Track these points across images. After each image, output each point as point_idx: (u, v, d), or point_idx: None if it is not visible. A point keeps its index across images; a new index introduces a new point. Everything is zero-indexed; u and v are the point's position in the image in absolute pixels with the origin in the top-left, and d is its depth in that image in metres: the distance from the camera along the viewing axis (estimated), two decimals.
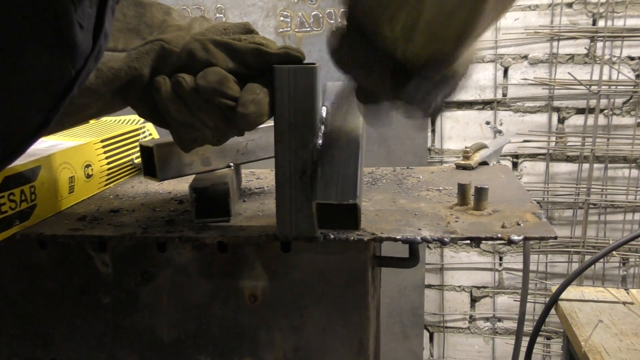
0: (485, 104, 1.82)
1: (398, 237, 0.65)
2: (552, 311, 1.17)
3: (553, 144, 1.80)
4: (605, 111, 1.75)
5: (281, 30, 1.69)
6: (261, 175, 0.97)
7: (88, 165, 0.83)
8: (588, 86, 1.72)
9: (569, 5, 1.72)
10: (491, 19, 0.46)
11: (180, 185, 0.91)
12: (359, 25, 0.50)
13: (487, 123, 1.82)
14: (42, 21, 0.34)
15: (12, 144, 0.40)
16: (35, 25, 0.34)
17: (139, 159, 0.79)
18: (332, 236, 0.65)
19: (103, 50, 0.42)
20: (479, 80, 1.80)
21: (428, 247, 1.90)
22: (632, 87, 1.71)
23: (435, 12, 0.43)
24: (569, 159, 1.80)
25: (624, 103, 1.74)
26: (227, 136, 0.63)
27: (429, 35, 0.45)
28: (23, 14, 0.34)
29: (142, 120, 1.00)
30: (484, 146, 1.02)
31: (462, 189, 0.75)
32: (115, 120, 1.00)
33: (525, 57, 1.77)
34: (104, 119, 1.01)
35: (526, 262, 1.22)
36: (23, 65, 0.36)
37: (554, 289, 1.17)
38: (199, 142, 0.63)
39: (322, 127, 0.63)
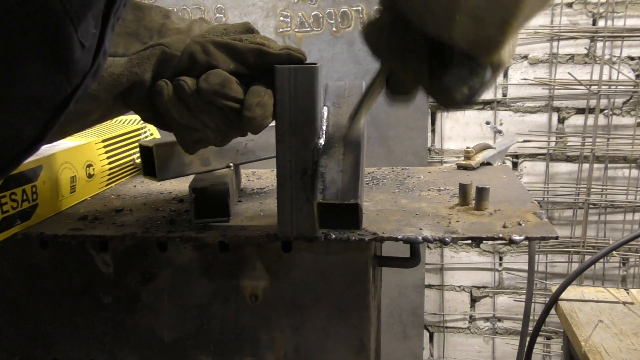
0: (485, 104, 1.82)
1: (399, 237, 0.65)
2: (552, 311, 1.17)
3: (553, 144, 1.80)
4: (605, 111, 1.75)
5: (281, 30, 1.69)
6: (262, 175, 0.97)
7: (89, 165, 0.83)
8: (588, 86, 1.72)
9: (569, 5, 1.72)
10: (535, 7, 0.46)
11: (181, 185, 0.91)
12: (398, 11, 0.50)
13: (487, 123, 1.82)
14: (39, 38, 0.34)
15: (5, 158, 0.40)
16: (32, 42, 0.34)
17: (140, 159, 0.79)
18: (333, 236, 0.65)
19: (101, 68, 0.42)
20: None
21: (428, 247, 1.90)
22: (632, 87, 1.71)
23: None
24: (569, 159, 1.80)
25: (624, 103, 1.75)
26: (229, 137, 0.63)
27: (473, 19, 0.45)
28: (20, 31, 0.34)
29: None
30: (488, 146, 1.02)
31: (463, 189, 0.76)
32: (116, 120, 1.00)
33: (525, 57, 1.77)
34: None
35: (531, 262, 1.22)
36: (18, 81, 0.36)
37: (554, 289, 1.17)
38: (202, 143, 0.63)
39: (323, 127, 0.63)
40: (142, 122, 1.00)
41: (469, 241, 0.66)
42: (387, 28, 0.51)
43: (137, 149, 0.96)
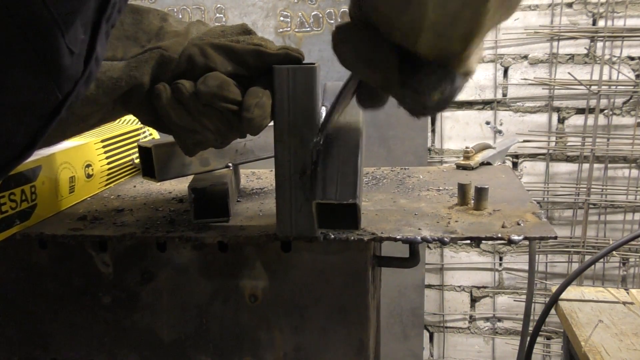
0: (485, 104, 1.82)
1: (398, 237, 0.65)
2: (552, 311, 1.17)
3: (553, 144, 1.80)
4: (605, 111, 1.75)
5: (281, 30, 1.69)
6: (262, 175, 0.97)
7: (88, 165, 0.83)
8: (588, 86, 1.72)
9: (569, 5, 1.72)
10: (497, 19, 0.46)
11: (181, 185, 0.91)
12: (366, 20, 0.50)
13: (487, 123, 1.82)
14: (26, 45, 0.34)
15: None
16: (19, 49, 0.34)
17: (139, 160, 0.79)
18: (332, 236, 0.65)
19: (94, 74, 0.42)
20: (479, 80, 1.80)
21: (428, 247, 1.90)
22: (632, 87, 1.71)
23: (440, 13, 0.43)
24: (569, 159, 1.80)
25: (624, 103, 1.74)
26: (229, 139, 0.64)
27: (435, 35, 0.45)
28: (4, 37, 0.33)
29: None
30: (488, 146, 1.02)
31: (463, 189, 0.75)
32: (115, 120, 1.00)
33: (525, 57, 1.77)
34: None
35: (532, 262, 1.22)
36: (6, 88, 0.35)
37: (554, 289, 1.17)
38: (202, 145, 0.63)
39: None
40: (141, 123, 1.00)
41: (468, 241, 0.66)
42: (355, 36, 0.51)
43: (137, 149, 0.96)
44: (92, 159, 0.84)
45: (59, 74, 0.37)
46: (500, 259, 1.89)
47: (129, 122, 1.00)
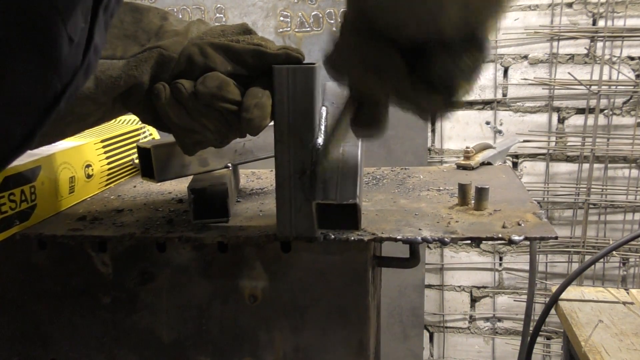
0: (485, 104, 1.82)
1: (398, 237, 0.65)
2: (552, 311, 1.17)
3: (553, 144, 1.80)
4: (605, 111, 1.75)
5: (281, 30, 1.69)
6: (262, 176, 0.97)
7: (88, 166, 0.83)
8: (588, 86, 1.72)
9: (569, 5, 1.72)
10: None
11: (180, 185, 0.91)
12: (368, 26, 0.48)
13: (487, 123, 1.82)
14: (25, 33, 0.34)
15: None
16: (18, 37, 0.34)
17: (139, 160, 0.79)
18: (332, 236, 0.65)
19: (93, 65, 0.41)
20: (479, 80, 1.80)
21: (428, 247, 1.90)
22: (632, 87, 1.71)
23: None
24: (569, 159, 1.80)
25: (624, 103, 1.74)
26: (229, 139, 0.63)
27: (463, 7, 0.43)
28: (5, 25, 0.33)
29: None
30: (488, 146, 1.02)
31: (463, 189, 0.75)
32: (115, 120, 1.00)
33: (525, 57, 1.77)
34: None
35: (532, 262, 1.22)
36: (5, 78, 0.35)
37: (554, 289, 1.17)
38: (202, 145, 0.63)
39: (322, 127, 0.63)
40: (141, 122, 1.00)
41: (469, 241, 0.66)
42: (356, 49, 0.49)
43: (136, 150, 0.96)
44: (92, 159, 0.84)
45: (58, 63, 0.37)
46: (500, 259, 1.89)
47: (129, 122, 1.00)
